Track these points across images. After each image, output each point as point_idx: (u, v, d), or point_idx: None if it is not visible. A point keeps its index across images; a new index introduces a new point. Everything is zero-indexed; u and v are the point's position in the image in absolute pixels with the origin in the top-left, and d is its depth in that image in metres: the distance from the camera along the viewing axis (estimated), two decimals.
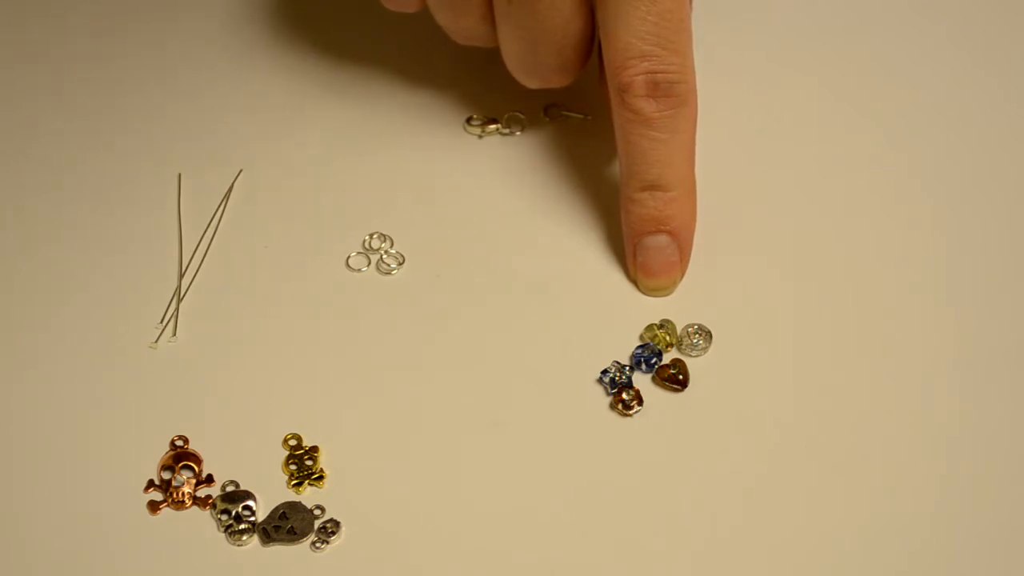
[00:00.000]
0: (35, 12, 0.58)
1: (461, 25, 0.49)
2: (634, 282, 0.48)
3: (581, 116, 0.54)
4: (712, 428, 0.45)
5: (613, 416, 0.45)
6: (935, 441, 0.44)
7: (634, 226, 0.48)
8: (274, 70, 0.56)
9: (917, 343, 0.47)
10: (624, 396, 0.45)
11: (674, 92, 0.46)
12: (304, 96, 0.55)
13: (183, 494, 0.44)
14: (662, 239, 0.48)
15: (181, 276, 0.49)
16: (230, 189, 0.52)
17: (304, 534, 0.43)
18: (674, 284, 0.48)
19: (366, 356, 0.47)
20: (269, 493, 0.44)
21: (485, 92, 0.54)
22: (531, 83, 0.50)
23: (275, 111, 0.55)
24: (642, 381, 0.46)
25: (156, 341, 0.47)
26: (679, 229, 0.48)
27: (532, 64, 0.49)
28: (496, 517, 0.43)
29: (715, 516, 0.43)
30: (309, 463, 0.44)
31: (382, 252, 0.50)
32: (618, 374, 0.46)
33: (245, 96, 0.55)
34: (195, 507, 0.44)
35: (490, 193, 0.52)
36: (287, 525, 0.43)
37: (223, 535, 0.43)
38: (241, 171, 0.52)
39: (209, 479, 0.44)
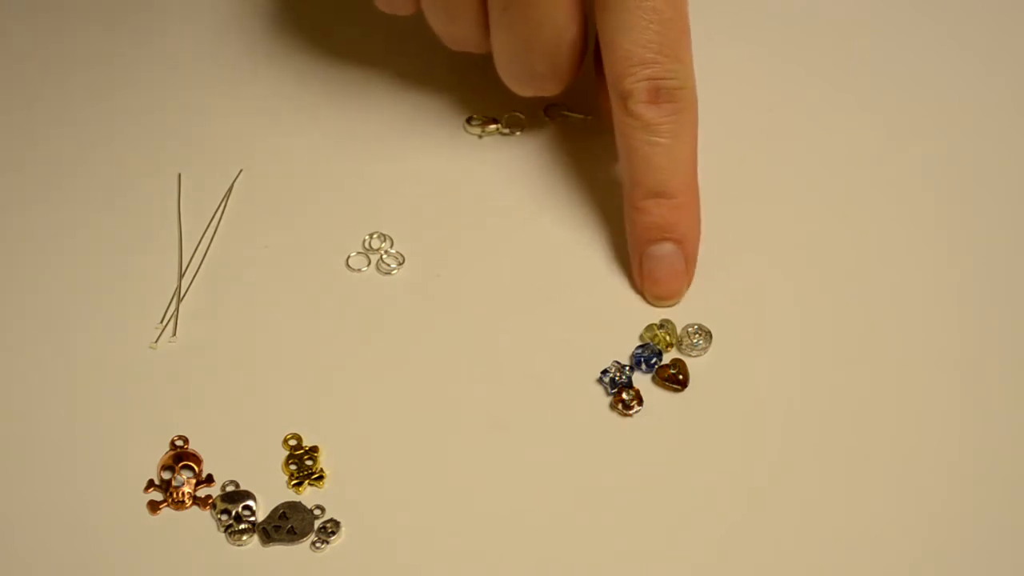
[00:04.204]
0: (34, 11, 0.58)
1: (454, 30, 0.49)
2: (641, 293, 0.48)
3: (581, 116, 0.54)
4: (712, 428, 0.45)
5: (613, 416, 0.45)
6: (936, 438, 0.44)
7: (639, 235, 0.48)
8: (274, 70, 0.56)
9: (918, 342, 0.47)
10: (624, 396, 0.45)
11: (676, 98, 0.47)
12: (304, 96, 0.55)
13: (183, 494, 0.44)
14: (668, 247, 0.47)
15: (181, 276, 0.49)
16: (230, 189, 0.52)
17: (304, 534, 0.43)
18: (681, 293, 0.48)
19: (366, 356, 0.47)
20: (269, 493, 0.44)
21: (485, 92, 0.54)
22: (523, 91, 0.50)
23: (275, 111, 0.55)
24: (642, 381, 0.46)
25: (156, 341, 0.47)
26: (684, 236, 0.48)
27: (525, 71, 0.49)
28: (496, 517, 0.43)
29: (715, 516, 0.43)
30: (309, 463, 0.44)
31: (382, 252, 0.50)
32: (618, 374, 0.46)
33: (245, 96, 0.55)
34: (195, 507, 0.44)
35: (490, 193, 0.52)
36: (287, 525, 0.43)
37: (223, 535, 0.43)
38: (241, 171, 0.52)
39: (209, 479, 0.44)
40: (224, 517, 0.43)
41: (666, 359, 0.46)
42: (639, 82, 0.46)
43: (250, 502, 0.43)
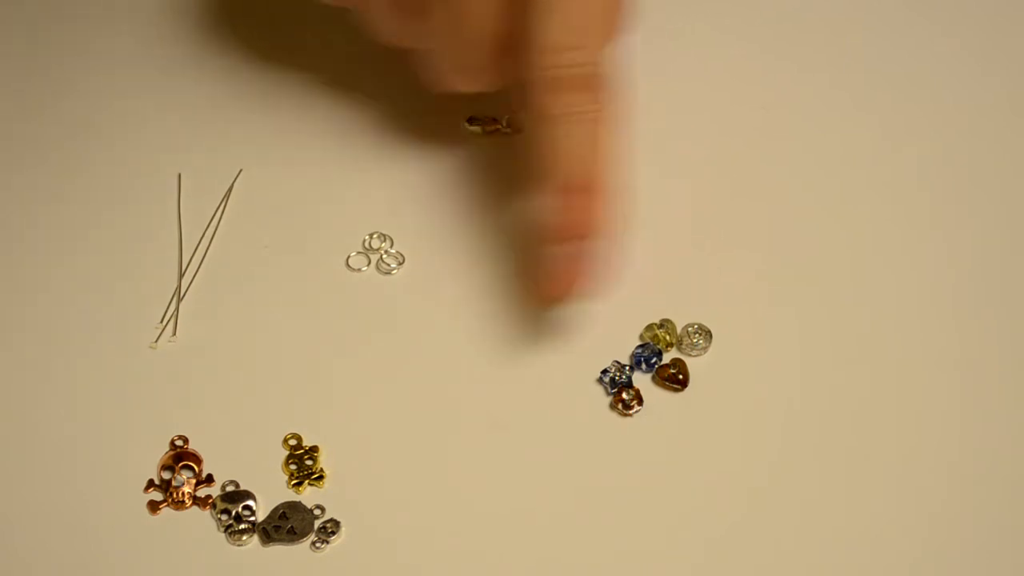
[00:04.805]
0: (34, 12, 0.58)
1: (384, 23, 0.48)
2: (540, 290, 0.46)
3: None
4: (712, 428, 0.45)
5: (613, 416, 0.45)
6: (936, 438, 0.44)
7: (554, 228, 0.45)
8: (274, 70, 0.56)
9: (917, 342, 0.47)
10: (624, 396, 0.45)
11: (595, 87, 0.45)
12: (304, 96, 0.55)
13: (183, 494, 0.44)
14: (579, 244, 0.45)
15: (181, 276, 0.49)
16: (230, 189, 0.52)
17: (304, 534, 0.43)
18: (589, 293, 0.46)
19: (366, 356, 0.47)
20: (269, 493, 0.44)
21: (485, 92, 0.54)
22: (458, 86, 0.49)
23: (275, 111, 0.55)
24: (642, 381, 0.46)
25: (156, 341, 0.47)
26: (597, 233, 0.45)
27: (458, 64, 0.48)
28: (496, 517, 0.43)
29: (715, 516, 0.43)
30: (309, 463, 0.44)
31: (382, 252, 0.50)
32: (618, 374, 0.46)
33: (246, 96, 0.55)
34: (195, 507, 0.44)
35: (490, 193, 0.52)
36: (287, 525, 0.43)
37: (223, 535, 0.43)
38: (241, 171, 0.52)
39: (209, 479, 0.44)
40: (224, 517, 0.43)
41: (666, 359, 0.46)
42: (557, 69, 0.45)
43: (250, 502, 0.43)
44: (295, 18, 0.58)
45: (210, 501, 0.44)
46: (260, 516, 0.43)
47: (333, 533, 0.43)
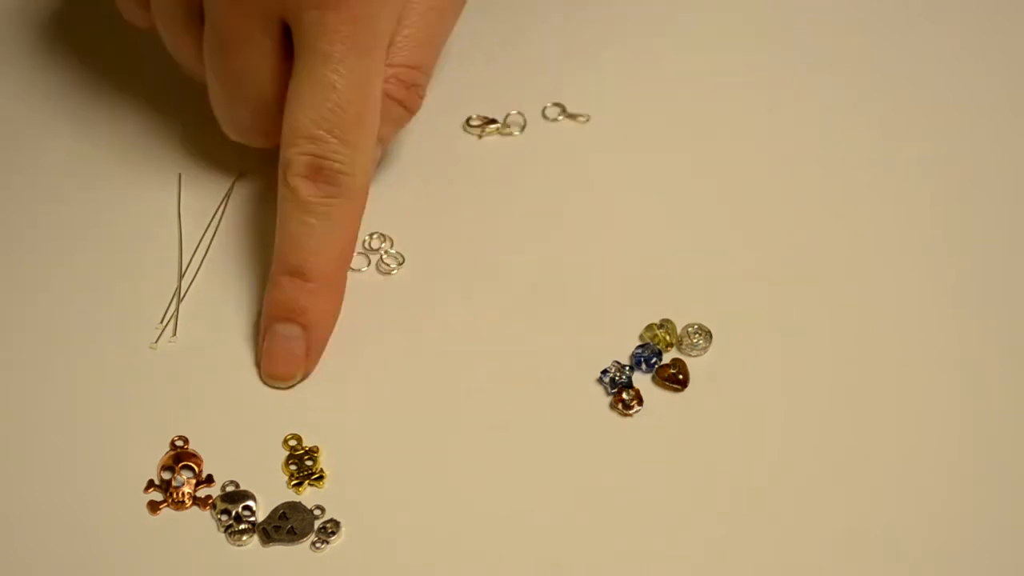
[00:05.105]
0: (37, 13, 0.58)
1: (178, 57, 0.49)
2: (257, 366, 0.47)
3: (581, 116, 0.54)
4: (712, 428, 0.45)
5: (613, 416, 0.45)
6: (936, 438, 0.44)
7: (268, 309, 0.46)
8: None
9: (917, 342, 0.47)
10: (624, 396, 0.45)
11: (337, 182, 0.46)
12: None
13: (183, 494, 0.44)
14: (292, 329, 0.46)
15: (181, 276, 0.49)
16: (230, 189, 0.52)
17: (304, 534, 0.43)
18: (293, 377, 0.46)
19: (366, 356, 0.47)
20: (269, 493, 0.44)
21: (485, 92, 0.54)
22: (232, 136, 0.49)
23: None
24: (642, 381, 0.46)
25: (156, 341, 0.47)
26: (312, 324, 0.46)
27: (229, 119, 0.49)
28: (496, 517, 0.43)
29: (715, 516, 0.43)
30: (309, 463, 0.44)
31: (382, 252, 0.50)
32: (618, 374, 0.46)
33: None
34: (195, 507, 0.44)
35: (490, 193, 0.52)
36: (287, 525, 0.43)
37: (223, 535, 0.43)
38: (241, 171, 0.52)
39: (209, 479, 0.44)
40: (224, 517, 0.43)
41: (666, 359, 0.46)
42: (301, 155, 0.45)
43: (250, 502, 0.43)
44: None
45: (210, 501, 0.44)
46: (260, 516, 0.43)
47: (333, 533, 0.43)
